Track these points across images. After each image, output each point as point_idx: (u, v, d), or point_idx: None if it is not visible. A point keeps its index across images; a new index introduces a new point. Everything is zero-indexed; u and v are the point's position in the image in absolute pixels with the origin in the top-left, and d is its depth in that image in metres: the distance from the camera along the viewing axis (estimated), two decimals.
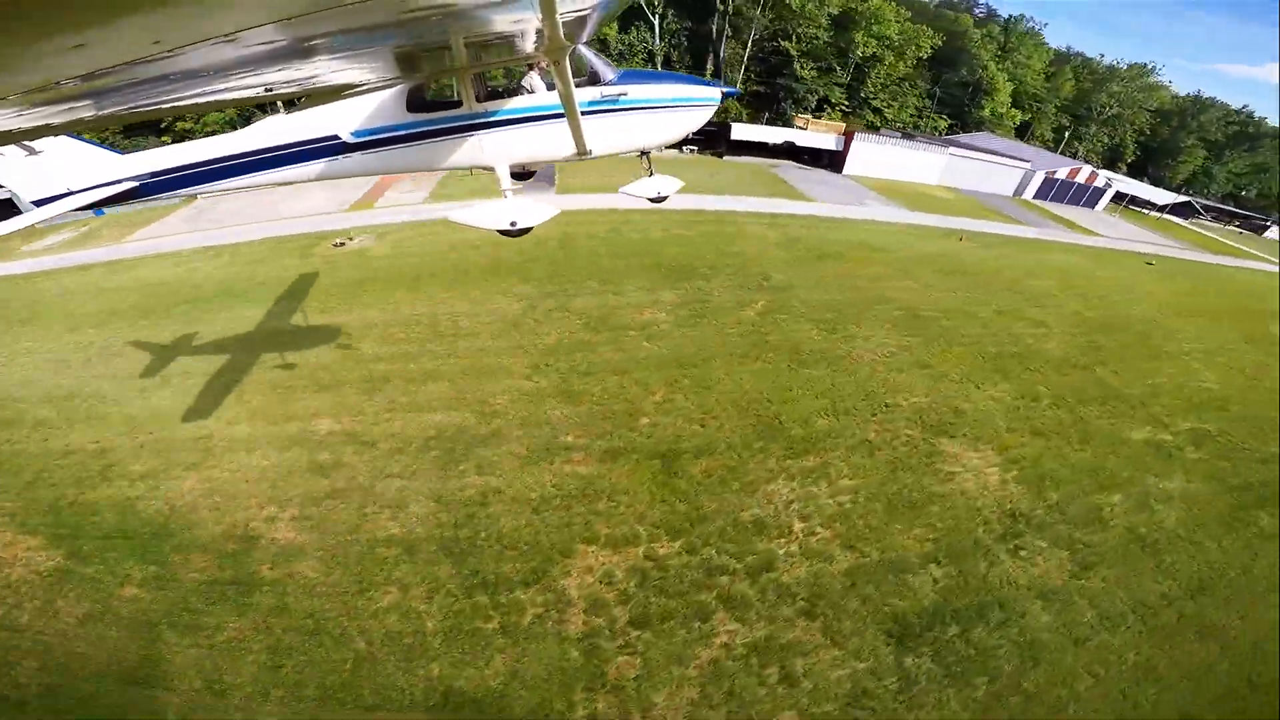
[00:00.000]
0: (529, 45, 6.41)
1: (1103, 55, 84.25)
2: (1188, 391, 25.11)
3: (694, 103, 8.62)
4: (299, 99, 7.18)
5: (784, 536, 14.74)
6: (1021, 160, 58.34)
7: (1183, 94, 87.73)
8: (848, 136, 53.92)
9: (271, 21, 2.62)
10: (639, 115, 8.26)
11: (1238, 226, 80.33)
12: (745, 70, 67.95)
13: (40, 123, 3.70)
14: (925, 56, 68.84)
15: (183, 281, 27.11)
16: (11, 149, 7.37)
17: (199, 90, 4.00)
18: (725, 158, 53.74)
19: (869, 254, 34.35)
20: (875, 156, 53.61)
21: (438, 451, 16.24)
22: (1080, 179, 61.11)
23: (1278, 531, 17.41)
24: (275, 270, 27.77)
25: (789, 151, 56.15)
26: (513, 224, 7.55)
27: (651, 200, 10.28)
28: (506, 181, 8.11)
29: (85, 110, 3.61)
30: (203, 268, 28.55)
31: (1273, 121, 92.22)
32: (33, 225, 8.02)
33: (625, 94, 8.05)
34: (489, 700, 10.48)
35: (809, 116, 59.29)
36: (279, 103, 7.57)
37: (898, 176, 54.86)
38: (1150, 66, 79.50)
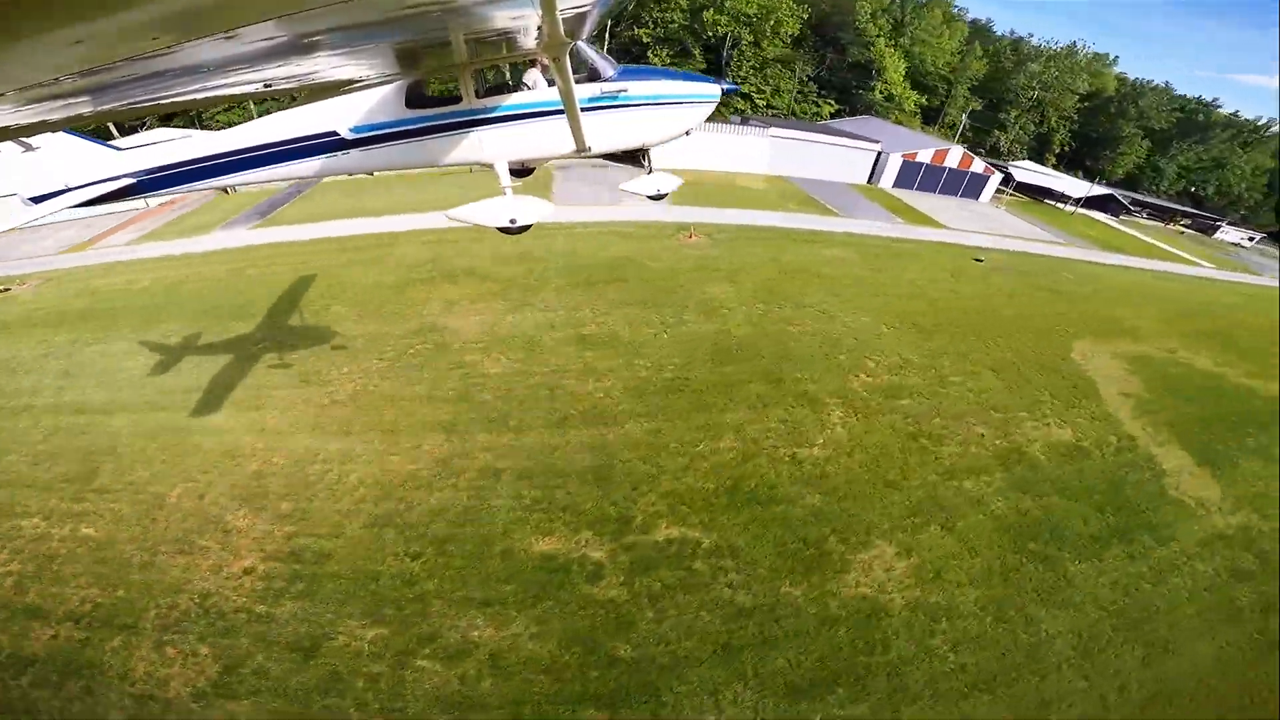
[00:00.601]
0: (529, 41, 5.79)
1: (1031, 35, 68.72)
2: (753, 466, 14.95)
3: (694, 99, 7.76)
4: (297, 94, 6.74)
5: None
6: (869, 141, 45.97)
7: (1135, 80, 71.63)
8: None
9: (271, 18, 2.44)
10: (639, 112, 7.41)
11: (1183, 225, 64.30)
12: None
13: (38, 119, 3.47)
14: (795, 34, 57.20)
15: None
16: (8, 145, 6.58)
17: (198, 86, 3.74)
18: None
19: (507, 267, 24.99)
20: (682, 146, 42.71)
21: None
22: (951, 163, 47.89)
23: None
24: None
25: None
26: (512, 221, 7.02)
27: (651, 198, 8.99)
28: (506, 179, 7.30)
29: (83, 106, 3.37)
30: None
31: (1244, 114, 73.63)
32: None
33: (625, 90, 7.20)
34: None
35: None
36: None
37: (721, 166, 43.98)
38: (1080, 46, 64.40)
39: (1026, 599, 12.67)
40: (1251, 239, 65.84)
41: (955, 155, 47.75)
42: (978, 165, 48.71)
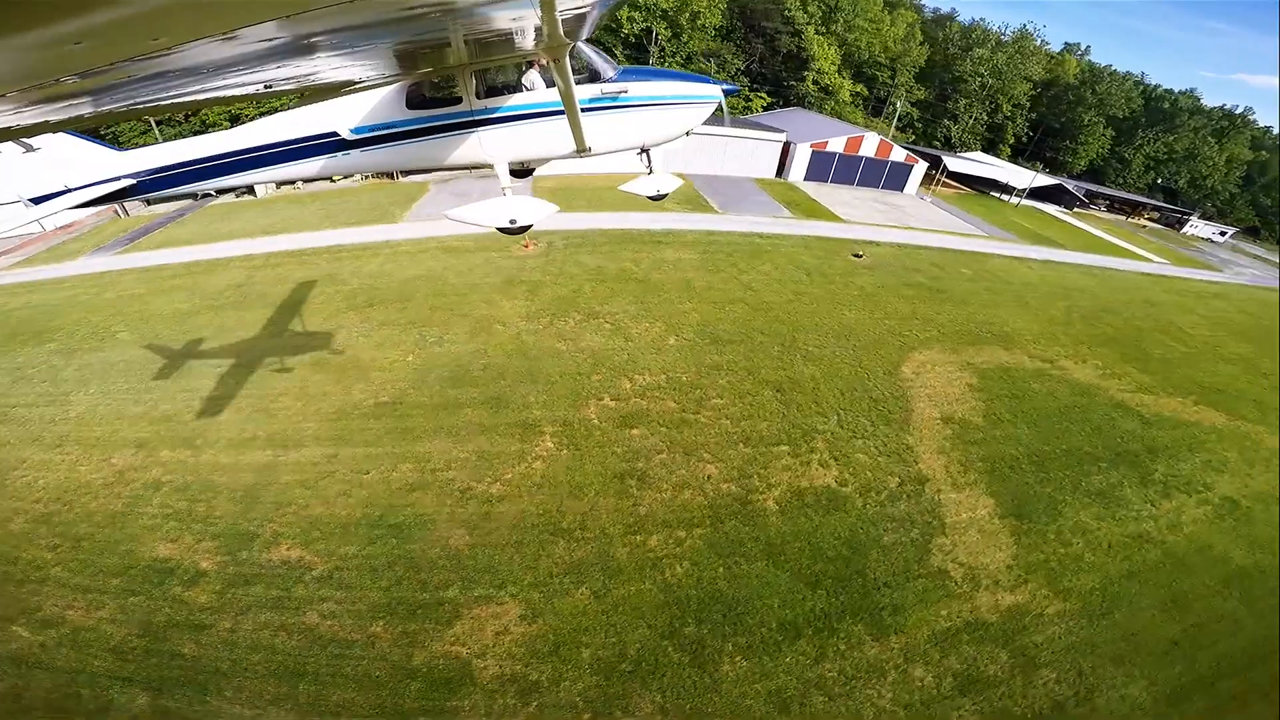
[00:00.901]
0: (529, 42, 5.62)
1: (983, 19, 63.94)
2: (415, 498, 13.26)
3: (694, 100, 7.62)
4: (298, 95, 6.59)
5: None
6: (774, 132, 42.40)
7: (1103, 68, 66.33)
8: None
9: (272, 19, 2.40)
10: (639, 112, 7.28)
11: (1148, 219, 59.17)
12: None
13: (39, 120, 3.40)
14: (720, 25, 54.00)
15: None
16: (8, 146, 6.52)
17: (198, 87, 3.69)
18: (400, 179, 41.12)
19: (299, 291, 22.96)
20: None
21: None
22: (868, 151, 43.83)
23: None
24: None
25: None
26: (512, 221, 6.88)
27: (651, 198, 8.74)
28: (506, 179, 7.20)
29: (84, 107, 3.30)
30: None
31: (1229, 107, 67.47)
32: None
33: (625, 91, 7.09)
34: None
35: None
36: None
37: (607, 168, 40.60)
38: (1033, 30, 59.63)
39: (646, 700, 9.86)
40: (1223, 234, 60.60)
41: (871, 143, 43.80)
42: (898, 153, 44.76)
